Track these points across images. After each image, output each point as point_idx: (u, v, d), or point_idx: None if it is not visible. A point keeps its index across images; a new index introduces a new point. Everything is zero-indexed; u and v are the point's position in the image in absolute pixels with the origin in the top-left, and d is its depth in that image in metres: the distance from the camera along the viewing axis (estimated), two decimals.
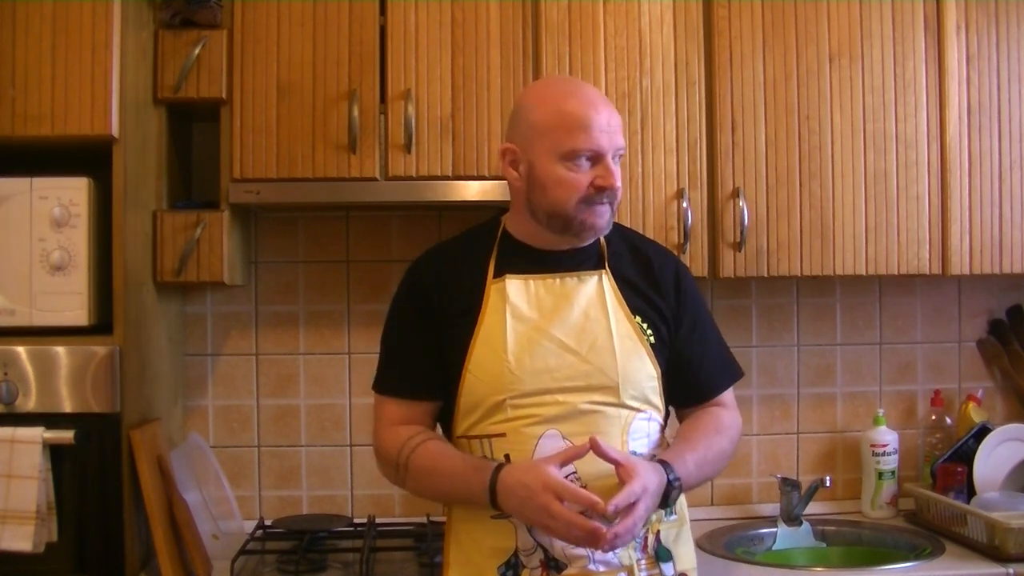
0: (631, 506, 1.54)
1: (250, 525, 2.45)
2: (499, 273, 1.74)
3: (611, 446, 1.61)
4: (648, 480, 1.57)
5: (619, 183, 1.69)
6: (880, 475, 2.57)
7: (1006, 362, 2.73)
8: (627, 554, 1.66)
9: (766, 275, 2.35)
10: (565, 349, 1.68)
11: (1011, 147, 2.42)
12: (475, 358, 1.69)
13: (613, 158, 1.69)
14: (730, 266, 2.34)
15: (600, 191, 1.67)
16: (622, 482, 1.56)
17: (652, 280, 1.79)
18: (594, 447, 1.57)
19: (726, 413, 1.84)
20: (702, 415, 1.83)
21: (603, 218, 1.70)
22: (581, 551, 1.63)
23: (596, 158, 1.68)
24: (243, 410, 2.58)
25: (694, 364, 1.81)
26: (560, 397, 1.66)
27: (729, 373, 1.88)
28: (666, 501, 1.63)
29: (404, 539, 2.39)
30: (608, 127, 1.68)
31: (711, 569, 2.17)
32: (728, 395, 1.87)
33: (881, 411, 2.64)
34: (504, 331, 1.69)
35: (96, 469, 1.99)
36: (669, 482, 1.62)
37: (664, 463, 1.64)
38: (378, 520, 2.49)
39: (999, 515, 2.21)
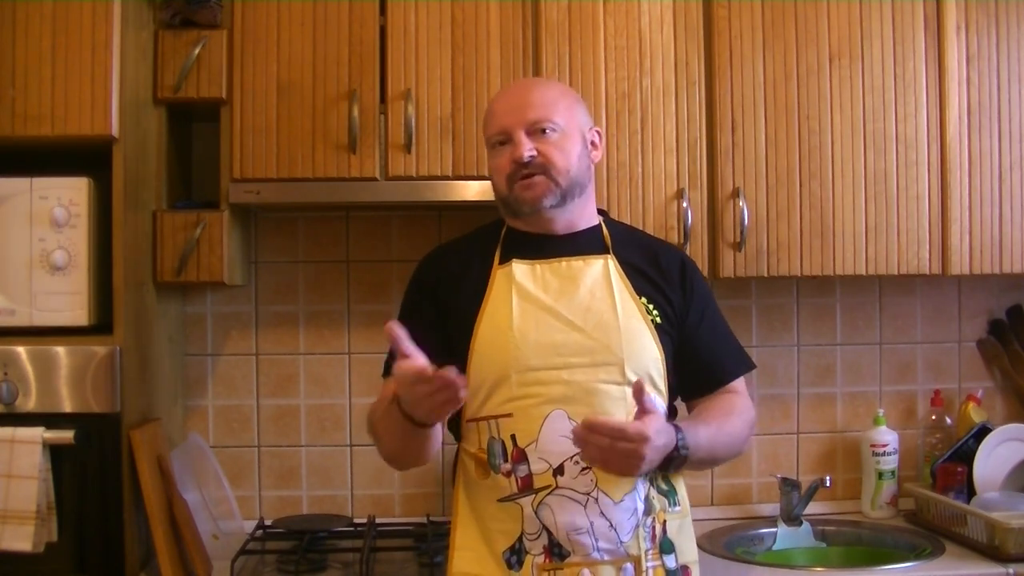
0: (614, 430, 1.52)
1: (250, 525, 2.45)
2: (505, 259, 1.78)
3: (609, 419, 1.58)
4: (656, 434, 1.54)
5: (530, 152, 1.72)
6: (880, 475, 2.57)
7: (1006, 362, 2.73)
8: (635, 543, 1.67)
9: (766, 275, 2.35)
10: (571, 327, 1.71)
11: (1011, 147, 2.42)
12: (481, 335, 1.72)
13: (531, 132, 1.74)
14: (730, 266, 2.34)
15: (517, 164, 1.73)
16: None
17: (658, 268, 1.82)
18: (638, 394, 1.55)
19: (740, 399, 1.86)
20: (716, 397, 1.84)
21: (532, 190, 1.74)
22: (585, 539, 1.65)
23: (507, 137, 1.76)
24: (243, 410, 2.58)
25: (705, 350, 1.83)
26: (565, 374, 1.68)
27: (742, 362, 1.90)
28: (667, 465, 1.64)
29: (404, 539, 2.39)
30: (516, 106, 1.76)
31: (711, 569, 2.16)
32: (740, 384, 1.88)
33: (881, 411, 2.64)
34: (510, 309, 1.72)
35: (96, 469, 1.99)
36: (677, 446, 1.61)
37: (676, 427, 1.64)
38: (378, 520, 2.49)
39: (999, 515, 2.21)
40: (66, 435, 1.94)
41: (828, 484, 2.42)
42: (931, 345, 2.76)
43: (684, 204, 2.32)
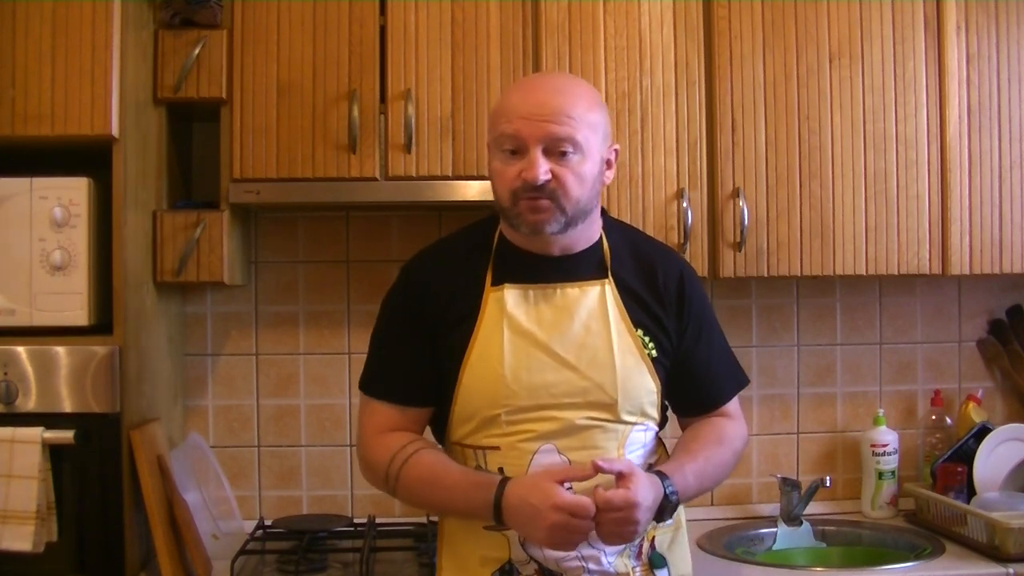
0: (620, 510, 1.51)
1: (250, 525, 2.45)
2: (497, 281, 1.68)
3: (612, 459, 1.59)
4: (644, 495, 1.53)
5: (544, 176, 1.56)
6: (880, 475, 2.57)
7: (1006, 362, 2.73)
8: (622, 562, 1.65)
9: (766, 275, 2.35)
10: (564, 364, 1.64)
11: (1011, 147, 2.42)
12: (470, 369, 1.65)
13: (549, 150, 1.58)
14: (730, 266, 2.34)
15: (526, 183, 1.58)
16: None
17: (655, 291, 1.73)
18: (597, 469, 1.53)
19: (730, 424, 1.80)
20: (704, 425, 1.78)
21: (537, 214, 1.59)
22: (574, 563, 1.62)
23: (521, 147, 1.59)
24: (243, 410, 2.58)
25: (699, 373, 1.77)
26: (556, 413, 1.63)
27: (735, 381, 1.84)
28: (662, 515, 1.60)
29: (404, 539, 2.39)
30: (536, 114, 1.57)
31: (711, 569, 2.17)
32: (733, 404, 1.82)
33: (881, 411, 2.64)
34: (501, 343, 1.64)
35: (96, 469, 1.99)
36: (666, 495, 1.58)
37: (662, 475, 1.61)
38: (378, 520, 2.49)
39: (999, 515, 2.21)
40: (66, 435, 1.94)
41: (828, 484, 2.42)
42: (931, 345, 2.76)
43: (684, 204, 2.32)
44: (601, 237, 1.75)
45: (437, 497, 1.65)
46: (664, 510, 1.60)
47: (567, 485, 1.55)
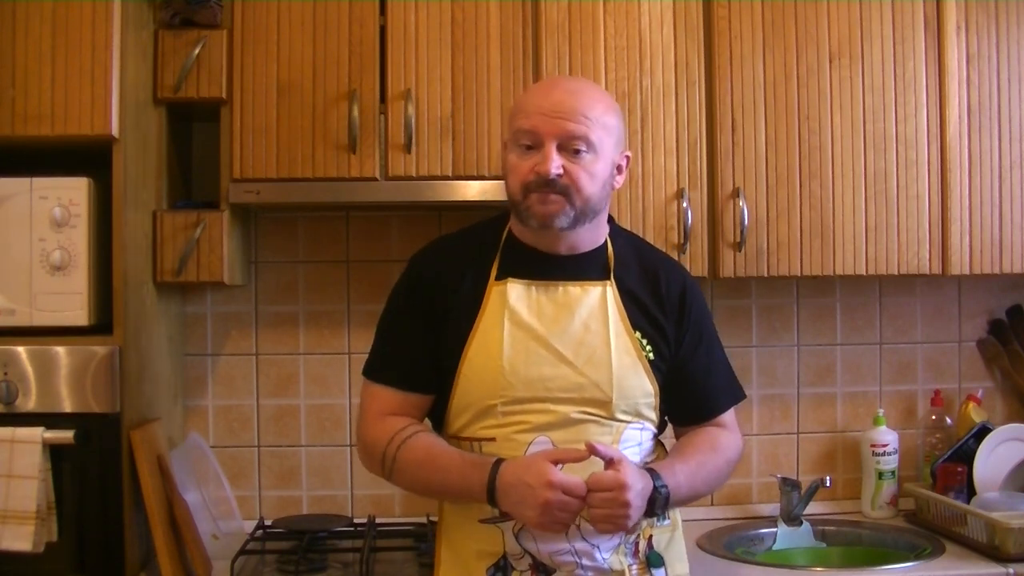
0: (611, 494, 1.53)
1: (250, 525, 2.45)
2: (502, 275, 1.72)
3: (606, 445, 1.61)
4: (633, 479, 1.54)
5: (557, 170, 1.61)
6: (880, 475, 2.58)
7: (1006, 362, 2.73)
8: (617, 559, 1.66)
9: (766, 275, 2.35)
10: (561, 360, 1.66)
11: (1011, 147, 2.42)
12: (470, 360, 1.68)
13: (563, 147, 1.63)
14: (730, 266, 2.34)
15: (539, 177, 1.62)
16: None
17: (657, 297, 1.75)
18: (591, 450, 1.56)
19: (724, 433, 1.81)
20: (699, 432, 1.80)
21: (547, 206, 1.63)
22: (568, 558, 1.63)
23: (537, 143, 1.64)
24: (243, 410, 2.58)
25: (696, 382, 1.79)
26: (552, 406, 1.65)
27: (732, 394, 1.85)
28: (652, 508, 1.61)
29: (404, 539, 2.39)
30: (554, 111, 1.63)
31: (711, 569, 2.17)
32: (729, 416, 1.84)
33: (881, 411, 2.64)
34: (501, 335, 1.67)
35: (96, 469, 1.99)
36: (656, 488, 1.60)
37: (652, 472, 1.62)
38: (378, 520, 2.49)
39: (999, 515, 2.21)
40: (66, 435, 1.94)
41: (828, 484, 2.42)
42: (931, 345, 2.76)
43: (684, 204, 2.32)
44: (607, 241, 1.78)
45: (433, 479, 1.66)
46: (655, 503, 1.60)
47: (559, 467, 1.57)
